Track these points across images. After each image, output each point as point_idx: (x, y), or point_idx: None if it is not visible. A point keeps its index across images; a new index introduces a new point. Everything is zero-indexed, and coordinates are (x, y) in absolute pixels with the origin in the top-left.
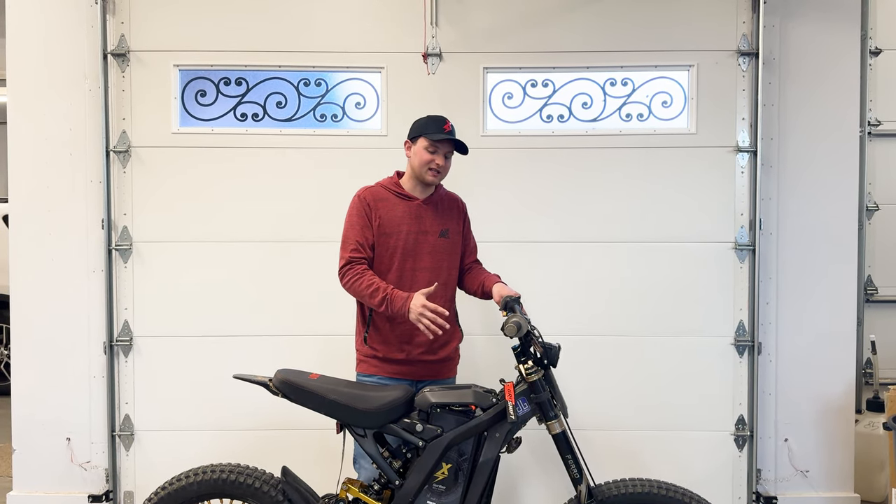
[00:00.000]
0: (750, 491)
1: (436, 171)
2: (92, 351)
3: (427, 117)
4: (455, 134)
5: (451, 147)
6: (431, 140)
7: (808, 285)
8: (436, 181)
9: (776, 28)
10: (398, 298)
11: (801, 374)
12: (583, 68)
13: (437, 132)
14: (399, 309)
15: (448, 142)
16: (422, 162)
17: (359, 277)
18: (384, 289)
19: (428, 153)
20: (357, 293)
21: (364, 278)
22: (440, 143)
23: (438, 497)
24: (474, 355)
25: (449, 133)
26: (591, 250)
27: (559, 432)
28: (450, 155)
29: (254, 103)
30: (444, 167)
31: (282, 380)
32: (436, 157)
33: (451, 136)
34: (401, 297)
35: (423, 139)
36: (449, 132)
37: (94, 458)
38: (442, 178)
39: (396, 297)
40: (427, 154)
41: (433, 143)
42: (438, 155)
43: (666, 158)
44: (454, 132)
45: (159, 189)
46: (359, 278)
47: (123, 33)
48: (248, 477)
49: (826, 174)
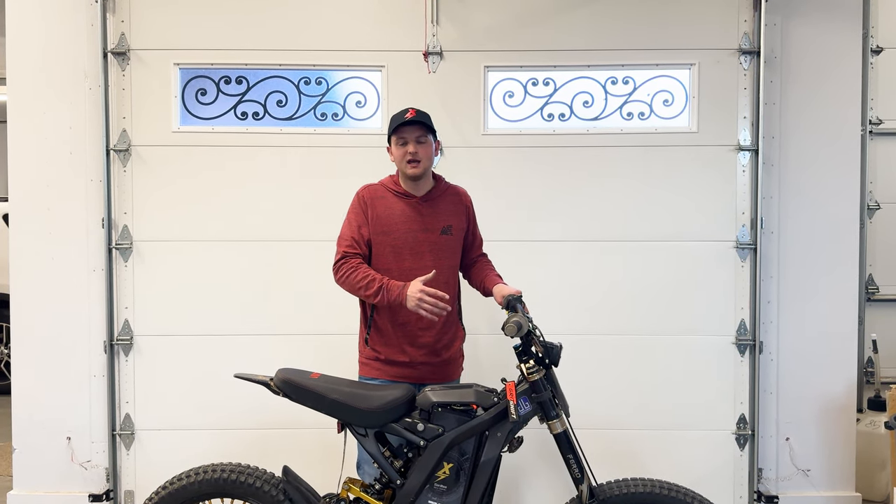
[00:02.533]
0: (751, 490)
1: (412, 160)
2: (92, 350)
3: (392, 117)
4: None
5: (418, 130)
6: (397, 133)
7: (809, 284)
8: (418, 172)
9: (778, 26)
10: (394, 287)
11: (803, 372)
12: (584, 67)
13: (398, 122)
14: (396, 298)
15: (414, 127)
16: (399, 157)
17: (353, 271)
18: (379, 279)
19: (399, 146)
20: (352, 287)
21: (359, 271)
22: (405, 131)
23: (440, 497)
24: (478, 354)
25: (413, 118)
26: (593, 249)
27: (561, 432)
28: (423, 139)
29: (254, 102)
30: (420, 154)
31: (283, 379)
32: (407, 146)
33: (413, 121)
34: (397, 285)
35: (393, 136)
36: (413, 117)
37: (95, 457)
38: (424, 166)
39: (392, 287)
40: (400, 149)
41: (399, 135)
42: (409, 143)
43: (667, 157)
44: (420, 117)
45: (160, 188)
46: (353, 271)
47: (124, 32)
48: (248, 476)
49: (827, 173)
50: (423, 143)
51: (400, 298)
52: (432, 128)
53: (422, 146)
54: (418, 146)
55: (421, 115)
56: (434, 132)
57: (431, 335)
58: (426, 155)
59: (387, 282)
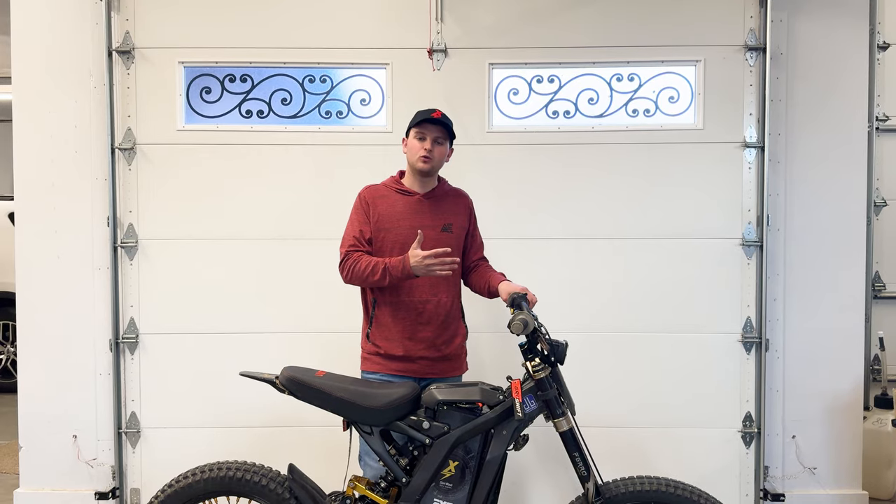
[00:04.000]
0: (757, 488)
1: (426, 157)
2: (98, 348)
3: (418, 112)
4: (446, 119)
5: (439, 132)
6: (418, 127)
7: (815, 281)
8: (427, 168)
9: (784, 23)
10: (396, 263)
11: (809, 370)
12: (589, 64)
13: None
14: (402, 271)
15: (437, 127)
16: (414, 150)
17: (356, 263)
18: (381, 262)
19: (417, 141)
20: (359, 277)
21: (361, 262)
22: (427, 128)
23: (445, 495)
24: (481, 352)
25: (438, 118)
26: (597, 247)
27: (566, 430)
28: (442, 141)
29: (259, 100)
30: (435, 154)
31: (288, 377)
32: (424, 143)
33: (437, 121)
34: (398, 260)
35: (413, 129)
36: (438, 118)
37: (101, 455)
38: (434, 165)
39: (394, 263)
40: (417, 143)
41: (420, 129)
42: (427, 140)
43: (673, 154)
44: (445, 119)
45: (164, 186)
46: (356, 264)
47: (128, 30)
48: (254, 475)
49: (834, 169)
50: (441, 144)
51: (406, 271)
52: (453, 133)
53: (438, 146)
54: (435, 145)
55: (446, 118)
56: (453, 138)
57: (431, 330)
58: (440, 155)
59: (388, 261)
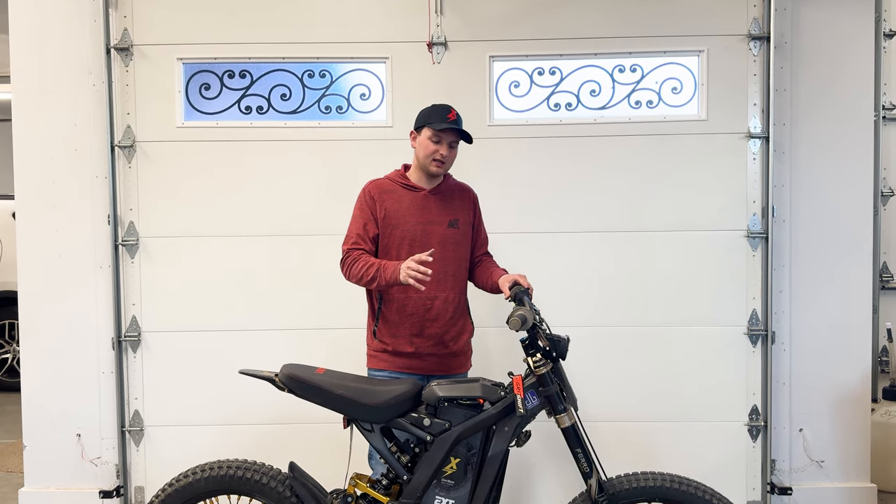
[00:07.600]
0: (764, 481)
1: (439, 161)
2: (100, 347)
3: (431, 106)
4: (461, 123)
5: (455, 136)
6: (435, 130)
7: (822, 273)
8: (440, 171)
9: (788, 11)
10: (389, 266)
11: (816, 363)
12: (590, 55)
13: (440, 121)
14: (392, 275)
15: (452, 131)
16: (426, 152)
17: (354, 262)
18: (377, 263)
19: (432, 143)
20: (357, 277)
21: (359, 262)
22: (444, 133)
23: (447, 492)
24: (487, 348)
25: (453, 122)
26: (601, 239)
27: (569, 426)
28: (455, 144)
29: (258, 96)
30: (449, 157)
31: (288, 375)
32: (440, 146)
33: (454, 126)
34: (392, 264)
35: (427, 129)
36: (454, 121)
37: (105, 453)
38: (447, 168)
39: (387, 266)
40: (431, 144)
41: (436, 132)
42: (442, 145)
43: (676, 146)
44: (460, 120)
45: (165, 184)
46: (354, 263)
47: (126, 27)
48: (255, 473)
49: (840, 159)
50: (454, 147)
51: (395, 276)
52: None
53: (452, 151)
54: (449, 150)
55: (460, 121)
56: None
57: (439, 326)
58: (452, 158)
59: (382, 264)
